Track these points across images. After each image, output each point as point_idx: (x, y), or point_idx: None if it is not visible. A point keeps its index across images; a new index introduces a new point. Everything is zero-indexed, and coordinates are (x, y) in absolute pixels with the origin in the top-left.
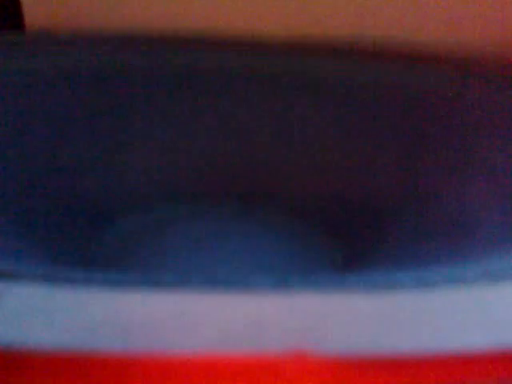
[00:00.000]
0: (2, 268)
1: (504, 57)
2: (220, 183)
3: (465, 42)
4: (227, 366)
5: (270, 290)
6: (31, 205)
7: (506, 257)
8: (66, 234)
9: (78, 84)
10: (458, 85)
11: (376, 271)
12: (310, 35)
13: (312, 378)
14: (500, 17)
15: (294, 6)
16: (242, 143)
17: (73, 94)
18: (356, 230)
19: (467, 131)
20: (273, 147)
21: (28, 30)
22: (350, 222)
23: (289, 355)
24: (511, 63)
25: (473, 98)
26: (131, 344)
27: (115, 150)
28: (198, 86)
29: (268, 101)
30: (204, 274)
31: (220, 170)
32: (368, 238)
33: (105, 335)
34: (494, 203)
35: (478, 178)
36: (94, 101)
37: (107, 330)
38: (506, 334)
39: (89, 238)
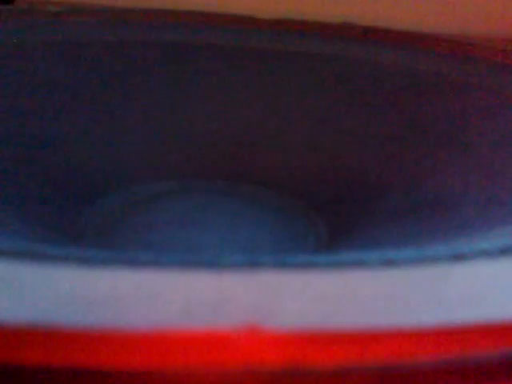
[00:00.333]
0: None
1: (499, 40)
2: (206, 161)
3: (462, 27)
4: (182, 340)
5: (238, 269)
6: (17, 180)
7: (475, 240)
8: (50, 209)
9: (67, 58)
10: (448, 65)
11: (348, 251)
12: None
13: (266, 353)
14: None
15: None
16: (230, 120)
17: (61, 68)
18: (337, 209)
19: (456, 113)
20: (260, 125)
21: (17, 3)
22: (333, 200)
23: (244, 329)
24: (507, 49)
25: (463, 80)
26: (96, 318)
27: (102, 125)
28: (188, 62)
29: (257, 78)
30: (176, 255)
31: (206, 147)
32: (348, 217)
33: (72, 310)
34: (476, 187)
35: (463, 162)
36: (82, 75)
37: (75, 304)
38: (463, 311)
39: (74, 213)
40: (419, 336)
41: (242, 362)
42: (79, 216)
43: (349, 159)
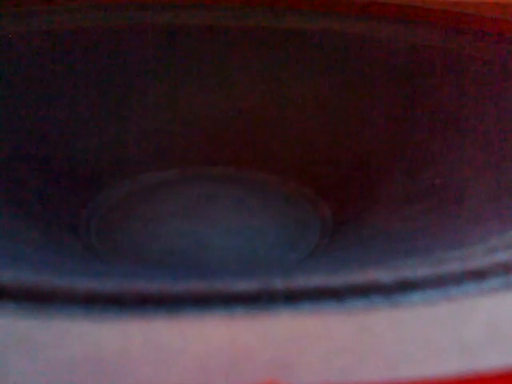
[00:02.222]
0: None
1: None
2: (207, 147)
3: None
4: None
5: (254, 299)
6: (17, 173)
7: (490, 244)
8: (53, 203)
9: (63, 46)
10: (453, 42)
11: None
12: None
13: None
14: None
15: None
16: (230, 105)
17: (58, 57)
18: (343, 194)
19: (462, 92)
20: (261, 109)
21: None
22: (338, 185)
23: None
24: (507, 19)
25: (469, 56)
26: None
27: (101, 115)
28: (185, 45)
29: (256, 59)
30: (186, 280)
31: (207, 133)
32: (353, 203)
33: (83, 374)
34: (485, 171)
35: (470, 144)
36: (79, 63)
37: (86, 367)
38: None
39: (78, 206)
40: None
41: None
42: (83, 209)
43: (353, 142)
